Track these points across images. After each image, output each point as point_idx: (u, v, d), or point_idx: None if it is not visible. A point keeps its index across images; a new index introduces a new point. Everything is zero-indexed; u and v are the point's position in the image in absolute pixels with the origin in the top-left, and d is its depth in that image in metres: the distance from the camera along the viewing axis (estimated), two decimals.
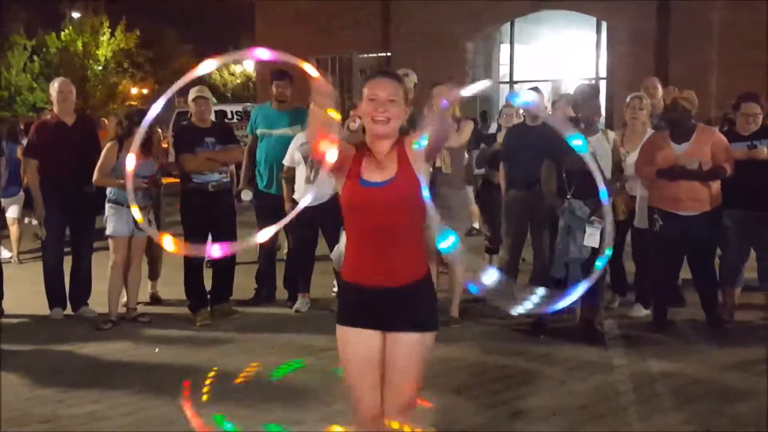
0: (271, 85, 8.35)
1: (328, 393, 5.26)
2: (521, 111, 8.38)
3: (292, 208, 7.58)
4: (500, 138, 8.73)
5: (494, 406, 5.34)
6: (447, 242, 2.73)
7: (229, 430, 3.49)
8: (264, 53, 3.20)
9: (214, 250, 3.30)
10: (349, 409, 3.51)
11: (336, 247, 7.26)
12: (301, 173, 7.63)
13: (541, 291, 2.92)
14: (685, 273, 7.38)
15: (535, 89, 8.53)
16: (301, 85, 3.74)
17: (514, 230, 7.90)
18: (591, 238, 6.69)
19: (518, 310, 3.02)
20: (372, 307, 3.32)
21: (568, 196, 6.82)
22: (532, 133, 7.57)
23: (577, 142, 3.01)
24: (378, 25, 23.91)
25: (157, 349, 6.70)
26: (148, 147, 7.32)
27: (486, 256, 9.09)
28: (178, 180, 7.88)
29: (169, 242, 2.91)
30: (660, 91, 8.42)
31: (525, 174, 7.54)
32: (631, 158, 7.41)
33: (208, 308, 7.70)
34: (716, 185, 6.89)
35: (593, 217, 6.70)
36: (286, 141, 7.84)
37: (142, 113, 7.57)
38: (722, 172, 6.73)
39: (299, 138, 7.63)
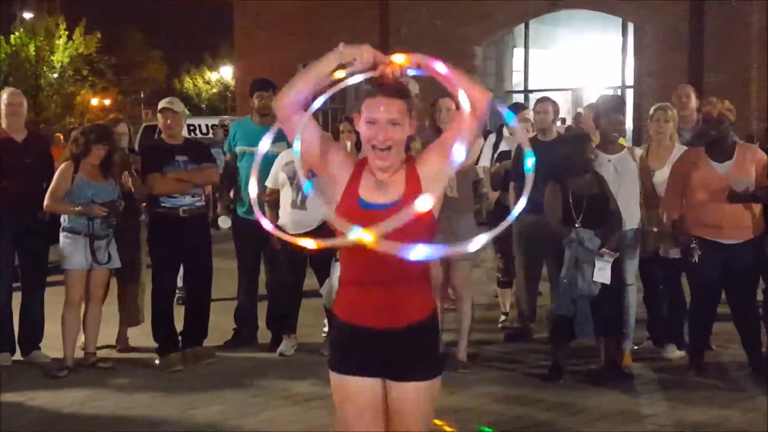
0: (252, 97, 8.38)
1: None
2: (532, 124, 8.38)
3: (277, 238, 7.64)
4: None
5: None
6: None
7: None
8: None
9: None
10: None
11: (327, 280, 7.26)
12: (285, 196, 7.63)
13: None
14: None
15: (546, 99, 8.49)
16: None
17: (528, 260, 7.93)
18: (601, 273, 6.68)
19: None
20: (372, 352, 3.29)
21: (576, 225, 6.83)
22: (544, 148, 7.63)
23: None
24: (376, 28, 24.05)
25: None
26: (107, 167, 7.34)
27: (498, 291, 9.09)
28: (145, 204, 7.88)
29: None
30: (693, 101, 8.38)
31: (538, 195, 7.57)
32: (659, 176, 7.43)
33: (180, 352, 7.69)
34: (758, 209, 6.91)
35: (604, 249, 6.73)
36: (269, 160, 7.81)
37: (102, 128, 7.62)
38: None
39: (284, 157, 7.61)
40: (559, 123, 10.50)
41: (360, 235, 2.72)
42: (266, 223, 3.23)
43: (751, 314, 7.07)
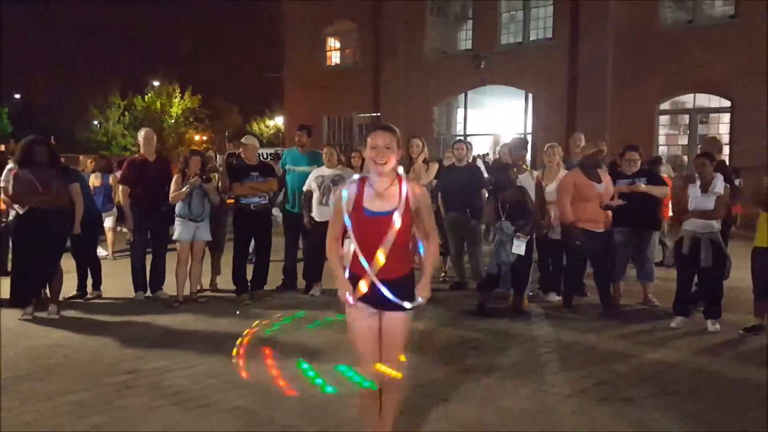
0: (295, 134, 8.39)
1: (336, 351, 5.25)
2: (455, 155, 8.33)
3: (310, 222, 7.66)
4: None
5: (450, 363, 5.35)
6: None
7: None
8: None
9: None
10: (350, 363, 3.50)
11: (343, 250, 7.26)
12: (315, 197, 7.65)
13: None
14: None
15: (460, 141, 8.49)
16: (315, 135, 3.77)
17: (455, 240, 8.03)
18: (518, 248, 6.73)
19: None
20: (372, 293, 3.27)
21: (502, 219, 6.86)
22: (459, 171, 7.75)
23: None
24: (371, 93, 24.02)
25: (238, 312, 6.74)
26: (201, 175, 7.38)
27: (440, 258, 9.11)
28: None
29: None
30: (583, 142, 8.27)
31: (456, 201, 7.68)
32: (549, 189, 7.45)
33: (249, 293, 7.68)
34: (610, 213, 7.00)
35: (518, 233, 6.74)
36: (305, 175, 7.86)
37: (197, 153, 7.67)
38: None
39: (315, 173, 7.67)
40: (483, 154, 10.56)
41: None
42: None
43: (604, 276, 7.04)
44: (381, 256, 3.17)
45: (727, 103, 17.25)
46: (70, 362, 5.30)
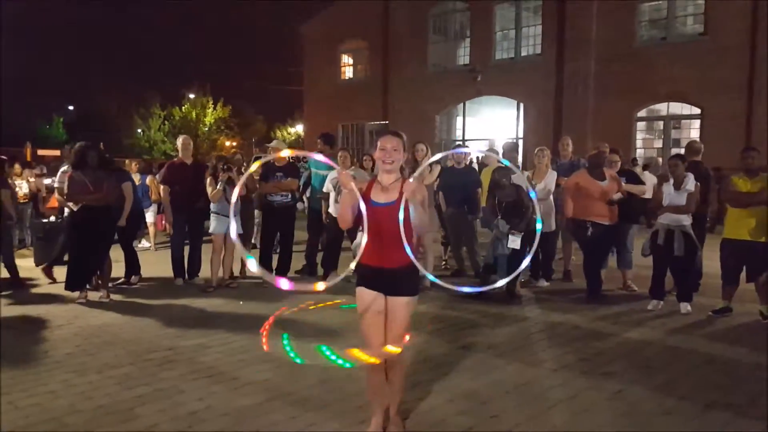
0: (317, 141, 8.42)
1: (348, 331, 5.27)
2: (455, 158, 8.31)
3: (327, 219, 7.67)
4: None
5: (450, 342, 5.35)
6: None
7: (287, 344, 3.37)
8: None
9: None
10: (361, 343, 3.50)
11: (356, 241, 7.28)
12: (332, 197, 7.66)
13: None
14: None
15: (459, 146, 8.54)
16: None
17: (454, 234, 8.01)
18: (513, 243, 6.69)
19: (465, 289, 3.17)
20: (380, 279, 3.28)
21: (499, 217, 6.83)
22: (458, 172, 7.74)
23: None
24: (380, 104, 24.02)
25: (241, 302, 6.69)
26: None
27: (441, 248, 9.10)
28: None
29: None
30: (571, 146, 8.28)
31: (455, 199, 7.66)
32: (538, 187, 7.42)
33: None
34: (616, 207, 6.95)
35: (512, 230, 6.70)
36: (324, 177, 7.94)
37: (225, 158, 7.67)
38: None
39: (331, 175, 7.67)
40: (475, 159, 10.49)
41: None
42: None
43: (599, 262, 6.99)
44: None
45: (697, 111, 17.13)
46: (117, 340, 5.33)
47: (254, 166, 4.02)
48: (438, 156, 3.82)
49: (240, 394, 4.11)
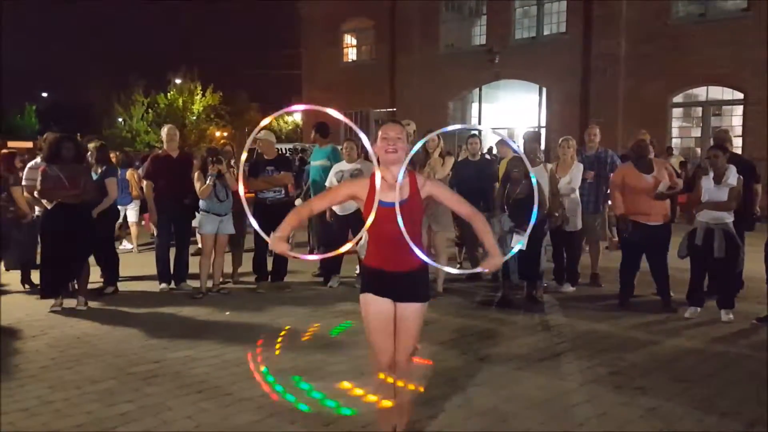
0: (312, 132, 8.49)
1: (353, 344, 5.28)
2: (468, 149, 8.31)
3: (332, 216, 7.69)
4: None
5: (466, 353, 5.35)
6: None
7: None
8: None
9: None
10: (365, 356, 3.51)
11: (360, 242, 7.29)
12: None
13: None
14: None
15: (474, 136, 8.51)
16: (333, 131, 3.77)
17: (469, 232, 8.00)
18: (517, 243, 6.55)
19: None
20: (387, 284, 3.29)
21: (506, 213, 6.79)
22: (473, 165, 7.73)
23: None
24: (387, 89, 24.02)
25: (228, 313, 6.64)
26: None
27: (456, 249, 9.09)
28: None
29: None
30: (598, 136, 8.18)
31: (470, 193, 7.63)
32: (563, 182, 7.41)
33: (269, 282, 7.73)
34: (668, 204, 6.86)
35: (516, 228, 6.59)
36: (320, 169, 8.01)
37: (214, 150, 7.66)
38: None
39: (335, 167, 7.69)
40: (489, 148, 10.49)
41: None
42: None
43: (659, 267, 6.85)
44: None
45: (740, 96, 17.04)
46: (97, 352, 5.36)
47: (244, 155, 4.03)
48: (438, 132, 3.79)
49: (233, 412, 4.12)
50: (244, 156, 3.96)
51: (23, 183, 7.69)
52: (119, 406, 4.20)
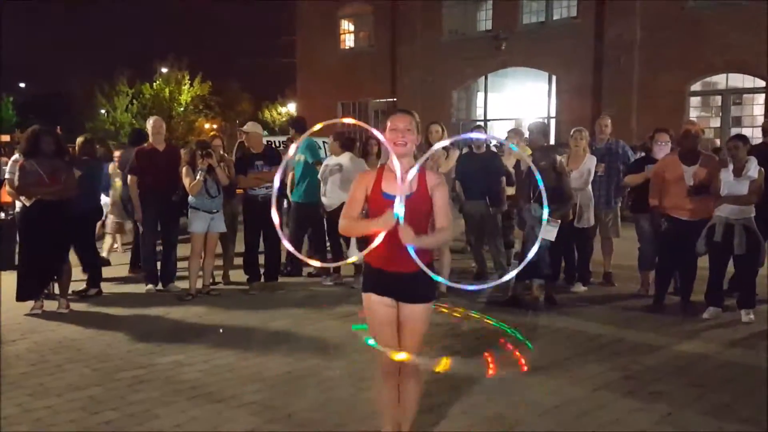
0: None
1: (351, 348, 5.29)
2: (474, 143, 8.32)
3: (324, 211, 7.81)
4: None
5: (471, 357, 5.35)
6: None
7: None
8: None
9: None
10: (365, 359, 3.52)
11: (351, 247, 7.43)
12: (325, 187, 7.81)
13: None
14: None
15: (479, 127, 8.57)
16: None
17: (474, 231, 8.04)
18: (548, 233, 6.47)
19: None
20: (391, 285, 3.32)
21: (531, 201, 6.77)
22: (477, 158, 7.75)
23: None
24: (388, 78, 23.98)
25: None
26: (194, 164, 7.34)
27: (468, 247, 9.11)
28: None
29: None
30: (609, 127, 8.17)
31: (475, 189, 7.67)
32: (575, 174, 7.41)
33: (261, 282, 7.76)
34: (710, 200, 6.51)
35: (550, 217, 6.46)
36: (300, 164, 8.18)
37: (203, 143, 7.64)
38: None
39: (325, 162, 7.86)
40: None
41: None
42: None
43: (692, 269, 6.79)
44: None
45: (761, 83, 17.02)
46: (80, 357, 5.38)
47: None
48: (447, 141, 3.85)
49: (225, 419, 4.14)
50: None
51: (6, 176, 7.68)
52: (104, 414, 4.21)
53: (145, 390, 4.63)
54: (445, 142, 4.19)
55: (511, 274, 3.47)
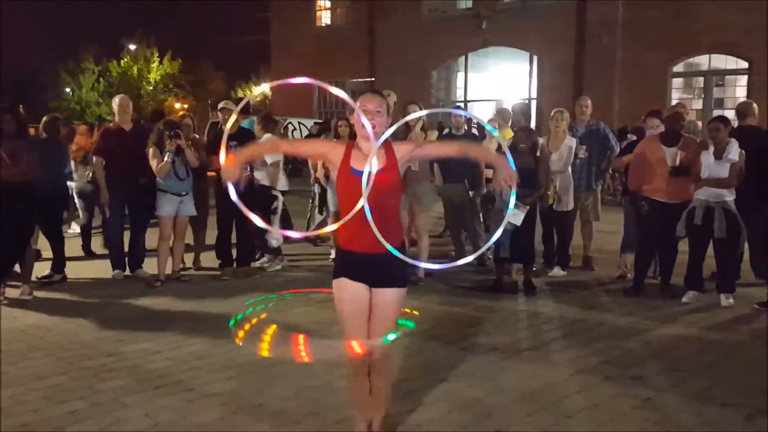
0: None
1: (325, 329, 5.30)
2: (453, 122, 8.35)
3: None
4: None
5: (449, 343, 5.38)
6: None
7: None
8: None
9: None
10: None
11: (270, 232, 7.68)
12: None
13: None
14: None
15: (459, 108, 8.61)
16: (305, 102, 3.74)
17: (452, 213, 8.09)
18: (514, 217, 6.54)
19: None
20: (361, 268, 3.29)
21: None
22: (457, 140, 7.74)
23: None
24: (366, 57, 23.87)
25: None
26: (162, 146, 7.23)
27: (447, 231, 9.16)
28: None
29: None
30: (590, 108, 8.15)
31: (454, 171, 7.69)
32: (555, 157, 7.44)
33: (233, 268, 7.71)
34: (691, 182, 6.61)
35: (517, 202, 6.47)
36: None
37: (172, 123, 7.53)
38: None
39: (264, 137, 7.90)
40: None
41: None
42: None
43: (672, 252, 6.88)
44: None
45: (744, 65, 17.20)
46: (45, 345, 5.32)
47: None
48: (423, 113, 3.81)
49: (195, 409, 4.13)
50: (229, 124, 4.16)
51: None
52: (69, 404, 4.18)
53: (113, 379, 4.59)
54: (416, 115, 4.18)
55: (471, 258, 3.49)
